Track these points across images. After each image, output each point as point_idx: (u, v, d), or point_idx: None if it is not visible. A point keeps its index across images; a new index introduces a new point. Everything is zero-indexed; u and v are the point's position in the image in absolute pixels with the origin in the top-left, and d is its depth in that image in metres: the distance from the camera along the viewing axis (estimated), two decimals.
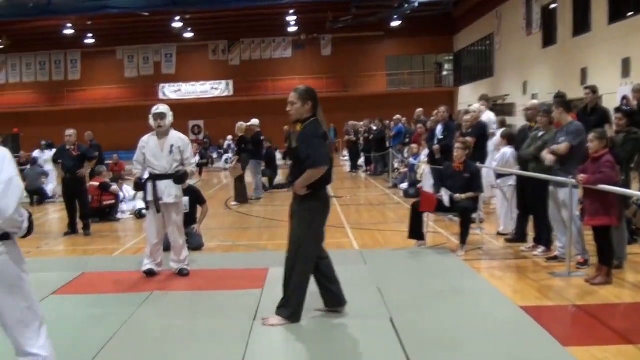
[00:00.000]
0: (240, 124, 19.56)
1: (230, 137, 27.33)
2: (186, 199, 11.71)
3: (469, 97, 41.02)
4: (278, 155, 27.80)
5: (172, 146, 9.63)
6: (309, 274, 7.15)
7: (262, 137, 20.46)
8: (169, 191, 9.55)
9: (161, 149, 9.62)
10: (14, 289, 4.54)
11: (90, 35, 49.48)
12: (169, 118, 9.71)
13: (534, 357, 6.00)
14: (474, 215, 11.50)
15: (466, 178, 10.87)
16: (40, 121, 46.27)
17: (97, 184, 16.71)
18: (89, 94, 52.39)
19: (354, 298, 7.63)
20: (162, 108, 9.73)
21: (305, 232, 7.07)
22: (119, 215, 16.85)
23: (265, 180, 21.98)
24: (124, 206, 17.41)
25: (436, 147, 14.61)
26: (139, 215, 16.23)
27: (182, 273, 9.74)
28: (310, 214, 7.08)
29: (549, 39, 30.76)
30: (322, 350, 6.42)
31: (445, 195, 10.72)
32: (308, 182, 6.86)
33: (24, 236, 4.62)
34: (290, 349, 6.55)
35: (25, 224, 4.57)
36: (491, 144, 14.08)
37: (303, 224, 7.09)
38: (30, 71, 53.85)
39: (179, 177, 9.59)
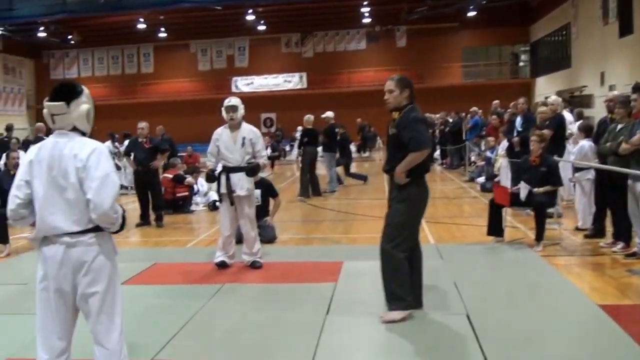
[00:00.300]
0: (308, 117, 19.36)
1: (300, 128, 27.24)
2: (258, 192, 11.74)
3: (545, 89, 40.34)
4: (352, 148, 27.64)
5: (244, 139, 9.61)
6: (405, 262, 6.94)
7: (336, 130, 20.33)
8: (241, 184, 9.53)
9: (233, 141, 9.61)
10: (103, 280, 4.65)
11: (162, 29, 49.86)
12: (241, 111, 9.70)
13: (610, 357, 5.80)
14: (551, 210, 11.20)
15: (543, 172, 10.59)
16: (113, 114, 46.80)
17: (170, 176, 16.83)
18: (162, 87, 52.95)
19: (430, 292, 7.49)
20: (234, 101, 9.70)
21: (402, 221, 6.94)
22: (192, 207, 16.94)
23: (340, 169, 21.76)
24: (197, 198, 17.50)
25: (515, 139, 14.26)
26: (212, 207, 16.27)
27: (254, 266, 9.71)
28: (409, 202, 6.95)
29: (625, 28, 29.91)
30: (396, 344, 6.29)
31: (523, 189, 10.48)
32: (410, 166, 6.76)
33: (116, 232, 4.75)
34: (363, 343, 6.44)
35: (119, 220, 4.69)
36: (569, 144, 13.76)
37: (401, 213, 6.96)
38: (102, 65, 54.65)
39: (250, 170, 9.56)
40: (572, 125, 14.97)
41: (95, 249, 4.61)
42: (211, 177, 9.92)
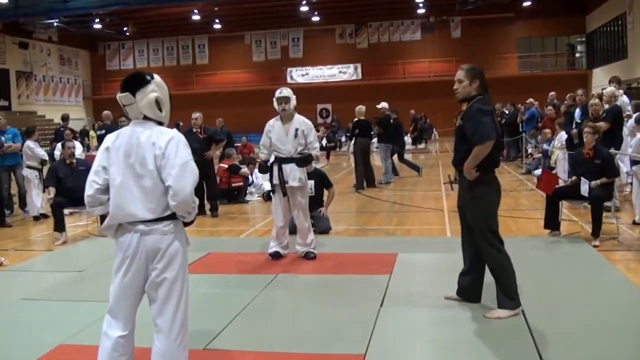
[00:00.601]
0: (359, 108, 19.29)
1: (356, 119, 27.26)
2: (311, 182, 11.73)
3: (602, 81, 39.72)
4: (407, 139, 27.47)
5: (296, 130, 9.60)
6: (505, 256, 6.85)
7: (391, 120, 20.26)
8: (293, 174, 9.53)
9: (286, 132, 9.60)
10: (174, 268, 4.78)
11: (217, 20, 50.24)
12: (293, 102, 9.67)
13: None
14: (609, 204, 11.01)
15: (597, 165, 10.37)
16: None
17: (226, 166, 16.93)
18: (217, 78, 53.28)
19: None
20: (285, 92, 9.68)
21: (483, 221, 6.81)
22: (247, 197, 17.02)
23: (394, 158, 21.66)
24: (252, 188, 17.57)
25: (574, 131, 14.09)
26: (267, 197, 16.31)
27: (308, 256, 9.72)
28: (482, 201, 6.84)
29: None
30: (450, 338, 6.24)
31: (583, 184, 10.33)
32: (477, 161, 6.66)
33: (189, 223, 4.87)
34: (417, 336, 6.38)
35: (195, 211, 4.83)
36: (626, 128, 13.55)
37: (478, 214, 6.84)
38: (157, 57, 55.30)
39: (302, 160, 9.56)
40: (629, 107, 14.84)
41: (170, 237, 4.71)
42: (264, 168, 9.93)
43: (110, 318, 4.74)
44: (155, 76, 4.82)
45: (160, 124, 4.78)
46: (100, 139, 16.42)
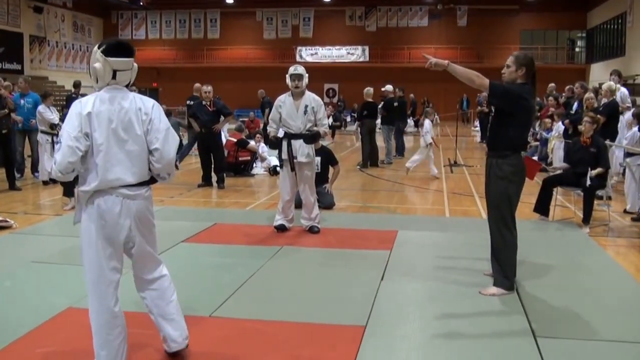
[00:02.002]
0: (368, 90, 19.37)
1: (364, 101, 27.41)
2: (318, 159, 11.81)
3: (599, 75, 39.80)
4: (410, 122, 27.40)
5: (306, 107, 9.63)
6: (514, 239, 6.95)
7: (394, 104, 20.29)
8: (302, 150, 9.57)
9: (296, 109, 9.63)
10: (150, 227, 4.91)
11: None
12: (305, 80, 9.69)
13: None
14: (601, 192, 11.16)
15: (593, 153, 10.55)
16: (178, 77, 47.18)
17: (234, 140, 16.97)
18: (228, 53, 53.11)
19: (480, 266, 7.52)
20: (299, 69, 9.70)
21: (501, 199, 6.87)
22: (253, 171, 17.08)
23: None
24: (259, 162, 17.61)
25: (566, 121, 14.47)
26: (273, 172, 16.38)
27: (312, 230, 9.80)
28: (505, 181, 6.85)
29: None
30: (446, 312, 6.31)
31: (583, 177, 10.46)
32: (464, 74, 6.70)
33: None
34: (415, 309, 6.44)
35: (174, 173, 4.93)
36: (624, 119, 13.74)
37: (499, 192, 6.88)
38: (169, 28, 55.03)
39: (310, 137, 9.60)
40: (629, 99, 15.22)
41: (150, 201, 4.85)
42: (274, 144, 9.98)
43: (97, 289, 4.74)
44: None
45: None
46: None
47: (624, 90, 15.40)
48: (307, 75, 9.75)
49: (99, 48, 4.65)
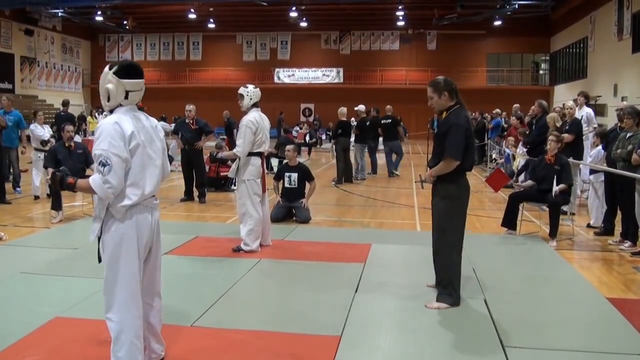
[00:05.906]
0: (341, 109, 19.42)
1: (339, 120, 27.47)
2: (295, 175, 11.78)
3: (563, 96, 40.21)
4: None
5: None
6: (458, 258, 6.90)
7: (367, 123, 20.30)
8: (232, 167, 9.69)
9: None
10: (160, 236, 4.95)
11: (211, 20, 49.97)
12: (245, 100, 9.85)
13: (616, 346, 5.73)
14: (565, 208, 11.24)
15: (556, 170, 10.64)
16: (162, 96, 46.96)
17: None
18: (209, 74, 52.98)
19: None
20: (240, 89, 9.79)
21: (446, 219, 6.77)
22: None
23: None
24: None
25: (525, 140, 14.92)
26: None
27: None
28: (450, 200, 6.74)
29: (638, 44, 29.88)
30: (418, 323, 6.27)
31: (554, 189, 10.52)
32: (440, 173, 6.63)
33: None
34: (388, 321, 6.39)
35: None
36: (591, 137, 13.84)
37: (443, 212, 6.78)
38: (154, 50, 55.01)
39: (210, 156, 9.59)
40: (595, 119, 15.49)
41: (159, 213, 4.92)
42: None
43: (132, 299, 4.59)
44: None
45: None
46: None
47: (589, 110, 15.50)
48: (249, 95, 9.85)
49: (110, 69, 4.64)
